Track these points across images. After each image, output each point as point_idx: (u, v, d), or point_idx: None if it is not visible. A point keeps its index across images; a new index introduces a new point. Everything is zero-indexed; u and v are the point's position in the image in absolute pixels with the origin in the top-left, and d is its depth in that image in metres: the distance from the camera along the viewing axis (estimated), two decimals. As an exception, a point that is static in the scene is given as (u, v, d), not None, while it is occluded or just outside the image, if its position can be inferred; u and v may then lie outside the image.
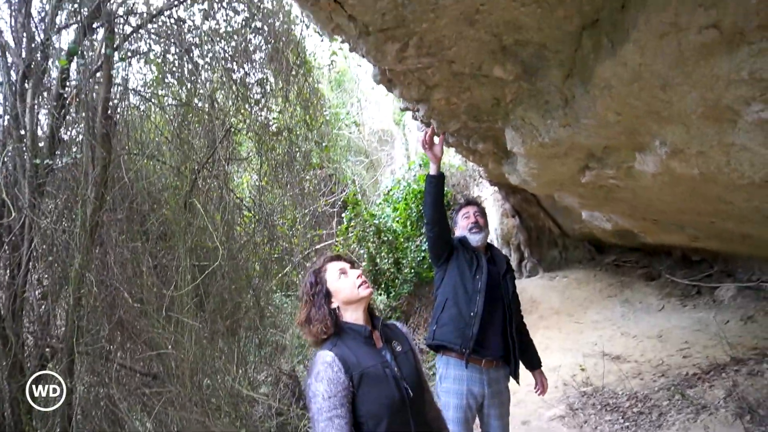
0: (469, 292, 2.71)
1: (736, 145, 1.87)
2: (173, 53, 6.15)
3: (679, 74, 1.63)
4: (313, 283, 1.94)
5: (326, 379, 1.72)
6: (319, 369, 1.75)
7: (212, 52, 6.09)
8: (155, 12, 5.66)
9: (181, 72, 6.21)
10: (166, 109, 6.16)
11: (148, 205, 5.72)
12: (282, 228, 7.52)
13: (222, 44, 6.29)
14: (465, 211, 3.03)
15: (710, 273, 7.01)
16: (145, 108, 6.10)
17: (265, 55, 6.68)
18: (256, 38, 6.59)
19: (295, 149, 7.13)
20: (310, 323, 1.89)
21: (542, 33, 2.06)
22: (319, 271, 1.95)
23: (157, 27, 6.04)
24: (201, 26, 6.10)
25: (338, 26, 1.97)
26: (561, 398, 4.95)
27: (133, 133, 5.72)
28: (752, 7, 1.22)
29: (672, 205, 3.25)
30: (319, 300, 1.90)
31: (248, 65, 6.60)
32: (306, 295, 1.93)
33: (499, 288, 2.79)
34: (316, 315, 1.89)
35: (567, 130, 2.52)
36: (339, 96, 14.67)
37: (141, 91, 6.06)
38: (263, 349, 7.00)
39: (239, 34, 6.32)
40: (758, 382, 4.08)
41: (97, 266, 5.22)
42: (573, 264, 9.40)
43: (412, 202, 9.50)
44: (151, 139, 6.05)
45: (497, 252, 3.03)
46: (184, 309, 5.10)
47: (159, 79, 6.15)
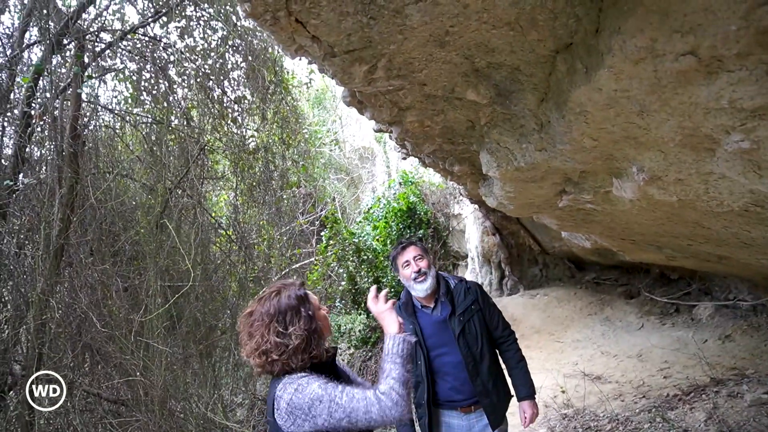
0: (419, 376, 2.66)
1: (715, 174, 1.82)
2: (148, 71, 6.05)
3: (656, 101, 1.58)
4: (297, 307, 1.69)
5: (315, 383, 1.54)
6: (300, 382, 1.56)
7: (189, 70, 6.00)
8: (129, 29, 5.56)
9: (156, 89, 6.11)
10: (139, 127, 6.04)
11: (119, 225, 5.56)
12: (259, 247, 7.39)
13: (199, 62, 6.21)
14: (404, 260, 2.71)
15: (688, 291, 7.06)
16: (118, 126, 5.97)
17: (242, 73, 6.62)
18: (234, 56, 6.52)
19: (273, 168, 7.05)
20: (290, 356, 1.64)
21: (515, 56, 2.00)
22: (306, 297, 1.74)
23: (131, 44, 5.95)
24: (177, 44, 6.02)
25: (301, 47, 1.88)
26: (542, 421, 4.86)
27: (104, 151, 5.58)
28: (732, 34, 1.16)
29: (650, 228, 3.21)
30: (312, 329, 1.69)
31: (225, 83, 6.53)
32: (290, 320, 1.68)
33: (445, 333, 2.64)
34: (308, 346, 1.66)
35: (543, 154, 2.47)
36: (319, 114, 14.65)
37: (114, 109, 5.93)
38: (239, 371, 6.82)
39: (216, 52, 6.25)
40: (738, 404, 4.05)
41: (63, 289, 5.04)
42: (554, 282, 9.42)
43: (393, 220, 9.44)
44: (123, 157, 5.92)
45: (451, 289, 2.76)
46: (155, 332, 4.94)
47: (134, 96, 6.04)
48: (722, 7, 1.13)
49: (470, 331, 2.66)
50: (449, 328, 2.64)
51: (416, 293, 2.67)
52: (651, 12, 1.29)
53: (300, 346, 1.64)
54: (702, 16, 1.20)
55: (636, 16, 1.33)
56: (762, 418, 3.72)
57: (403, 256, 2.72)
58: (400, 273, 2.74)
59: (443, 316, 2.66)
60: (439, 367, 2.62)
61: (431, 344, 2.63)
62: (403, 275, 2.71)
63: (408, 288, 2.72)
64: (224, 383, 6.49)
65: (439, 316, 2.68)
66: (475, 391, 2.60)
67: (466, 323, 2.66)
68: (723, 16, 1.15)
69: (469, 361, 2.58)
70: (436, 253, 10.14)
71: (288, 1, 1.58)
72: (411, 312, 2.69)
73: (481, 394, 2.60)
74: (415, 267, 2.65)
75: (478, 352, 2.62)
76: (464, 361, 2.58)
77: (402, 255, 2.73)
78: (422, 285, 2.62)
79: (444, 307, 2.69)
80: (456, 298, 2.72)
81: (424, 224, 9.78)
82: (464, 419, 2.65)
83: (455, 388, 2.62)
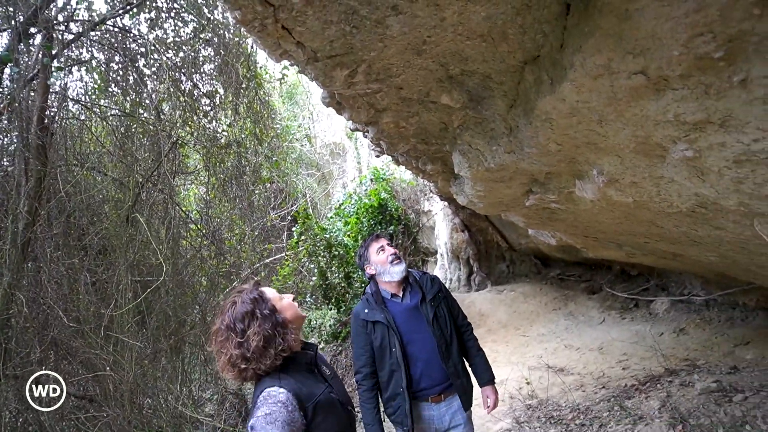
0: (393, 364, 2.71)
1: (665, 178, 1.99)
2: (117, 62, 5.97)
3: (612, 112, 1.73)
4: (251, 311, 1.71)
5: (281, 422, 1.54)
6: (273, 410, 1.55)
7: (159, 62, 5.94)
8: (98, 20, 5.47)
9: (126, 82, 6.03)
10: (108, 120, 5.95)
11: (87, 218, 5.49)
12: (230, 242, 7.37)
13: (170, 54, 6.15)
14: (379, 245, 2.85)
15: (647, 287, 7.36)
16: (86, 118, 5.87)
17: (214, 67, 6.57)
18: (206, 50, 6.48)
19: (245, 162, 7.03)
20: (255, 359, 1.66)
21: (487, 65, 2.13)
22: (262, 296, 1.75)
23: (99, 35, 5.85)
24: (147, 36, 5.95)
25: (286, 52, 1.96)
26: (507, 411, 5.04)
27: (73, 143, 5.49)
28: (674, 58, 1.31)
29: (609, 226, 3.40)
30: (270, 326, 1.69)
31: (197, 77, 6.47)
32: (248, 324, 1.69)
33: (416, 319, 2.75)
34: (269, 344, 1.66)
35: (511, 156, 2.61)
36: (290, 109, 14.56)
37: (82, 100, 5.83)
38: (209, 366, 6.80)
39: (188, 44, 6.20)
40: (689, 392, 4.29)
41: (30, 284, 4.96)
42: (520, 278, 9.66)
43: (364, 216, 9.50)
44: (92, 150, 5.83)
45: (417, 280, 2.90)
46: (125, 327, 4.91)
47: (102, 88, 5.95)
48: (666, 35, 1.28)
49: (441, 315, 2.79)
50: (421, 313, 2.76)
51: (392, 277, 2.76)
52: (608, 35, 1.43)
53: (260, 345, 1.65)
54: (650, 41, 1.34)
55: (595, 38, 1.47)
56: (710, 405, 3.95)
57: (377, 243, 2.85)
58: (374, 260, 2.82)
59: (414, 303, 2.78)
60: (410, 354, 2.72)
61: (403, 331, 2.72)
62: (378, 261, 2.80)
63: (383, 273, 2.80)
64: (194, 378, 6.48)
65: (409, 303, 2.79)
66: (447, 372, 2.71)
67: (437, 308, 2.79)
68: (667, 42, 1.30)
69: (441, 344, 2.70)
70: (407, 249, 10.25)
71: (276, 10, 1.66)
72: (381, 302, 2.78)
73: (453, 375, 2.72)
74: (391, 251, 2.79)
75: (449, 335, 2.76)
76: (437, 344, 2.70)
77: (376, 242, 2.86)
78: (399, 267, 2.75)
79: (413, 295, 2.82)
80: (424, 286, 2.85)
81: (395, 220, 9.88)
82: (434, 409, 2.74)
83: (426, 374, 2.71)
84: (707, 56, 1.26)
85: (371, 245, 2.86)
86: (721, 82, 1.33)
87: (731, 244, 2.52)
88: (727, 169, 1.60)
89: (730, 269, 3.69)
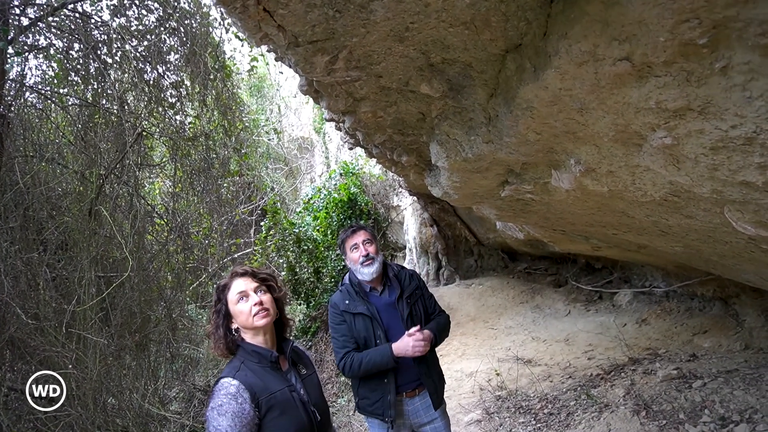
0: None
1: (641, 167, 2.04)
2: (77, 50, 5.73)
3: (594, 100, 1.76)
4: (215, 300, 1.90)
5: (230, 413, 1.62)
6: (222, 401, 1.65)
7: (122, 51, 5.73)
8: (57, 5, 5.25)
9: (87, 70, 5.80)
10: (68, 109, 5.72)
11: (47, 212, 5.27)
12: (197, 237, 7.19)
13: (134, 43, 5.95)
14: (353, 243, 2.79)
15: (610, 279, 7.59)
16: (44, 107, 5.62)
17: (180, 57, 6.39)
18: (172, 39, 6.29)
19: (213, 155, 6.87)
20: (213, 338, 1.89)
21: (468, 53, 2.14)
22: (223, 290, 1.90)
23: (59, 21, 5.61)
24: (110, 23, 5.74)
25: (267, 35, 1.92)
26: (477, 403, 5.11)
27: (30, 134, 5.26)
28: (660, 44, 1.34)
29: (581, 217, 3.48)
30: (218, 320, 1.86)
31: (162, 67, 6.28)
32: (211, 311, 1.92)
33: (393, 315, 2.74)
34: (215, 334, 1.86)
35: (489, 146, 2.63)
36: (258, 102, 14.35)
37: (40, 88, 5.59)
38: (175, 363, 6.64)
39: (153, 33, 6.01)
40: (651, 380, 4.45)
41: (-16, 279, 4.73)
42: (488, 272, 9.80)
43: (333, 211, 9.46)
44: (51, 140, 5.59)
45: (396, 275, 2.88)
46: (88, 324, 4.74)
47: (60, 76, 5.70)
48: (653, 21, 1.31)
49: (416, 314, 2.78)
50: (397, 310, 2.75)
51: (362, 277, 2.75)
52: (594, 21, 1.45)
53: (210, 330, 1.88)
54: (637, 27, 1.37)
55: (582, 24, 1.50)
56: (672, 391, 4.11)
57: (352, 239, 2.80)
58: (348, 256, 2.81)
59: (392, 298, 2.77)
60: None
61: (384, 324, 2.72)
62: (351, 258, 2.78)
63: (354, 271, 2.79)
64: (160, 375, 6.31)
65: (387, 298, 2.78)
66: (419, 371, 2.71)
67: (412, 306, 2.78)
68: (654, 28, 1.33)
69: None
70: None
71: (259, -10, 1.63)
72: (363, 293, 2.77)
73: (424, 374, 2.72)
74: (363, 251, 2.74)
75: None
76: None
77: (351, 238, 2.80)
78: (368, 269, 2.71)
79: (392, 291, 2.80)
80: (402, 282, 2.84)
81: (364, 215, 9.87)
82: (409, 404, 2.75)
83: (402, 370, 2.69)
84: (692, 42, 1.30)
85: (347, 240, 2.82)
86: (703, 69, 1.37)
87: (698, 232, 2.61)
88: (703, 156, 1.65)
89: (691, 260, 3.84)
